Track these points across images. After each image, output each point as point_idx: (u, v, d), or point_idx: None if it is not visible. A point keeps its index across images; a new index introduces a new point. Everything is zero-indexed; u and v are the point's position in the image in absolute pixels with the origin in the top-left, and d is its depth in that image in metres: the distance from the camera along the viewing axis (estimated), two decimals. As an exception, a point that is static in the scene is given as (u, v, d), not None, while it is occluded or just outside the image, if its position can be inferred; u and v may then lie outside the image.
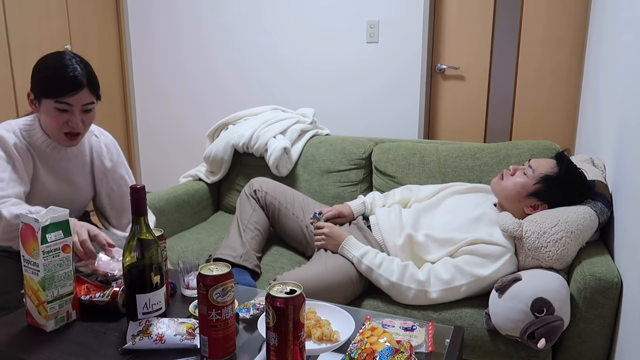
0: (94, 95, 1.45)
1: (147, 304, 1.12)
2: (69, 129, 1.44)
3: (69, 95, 1.39)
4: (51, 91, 1.39)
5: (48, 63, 1.42)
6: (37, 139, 1.49)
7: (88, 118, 1.47)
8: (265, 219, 1.92)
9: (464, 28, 2.99)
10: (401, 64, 3.05)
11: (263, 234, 1.88)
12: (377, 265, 1.58)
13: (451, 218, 1.69)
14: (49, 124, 1.44)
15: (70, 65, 1.39)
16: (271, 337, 0.92)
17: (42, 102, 1.41)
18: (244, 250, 1.77)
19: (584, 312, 1.41)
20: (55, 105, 1.40)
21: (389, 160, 2.16)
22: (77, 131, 1.46)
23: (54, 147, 1.52)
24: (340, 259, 1.66)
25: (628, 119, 1.51)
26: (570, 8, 2.79)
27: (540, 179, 1.60)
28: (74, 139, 1.49)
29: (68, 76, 1.38)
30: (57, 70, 1.38)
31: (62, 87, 1.38)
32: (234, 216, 1.94)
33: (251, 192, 1.95)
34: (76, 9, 3.46)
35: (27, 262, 1.11)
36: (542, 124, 2.97)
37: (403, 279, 1.55)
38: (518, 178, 1.64)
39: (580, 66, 2.82)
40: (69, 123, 1.43)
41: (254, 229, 1.85)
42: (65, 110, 1.41)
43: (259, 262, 1.82)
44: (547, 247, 1.48)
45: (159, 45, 3.70)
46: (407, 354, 0.96)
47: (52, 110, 1.40)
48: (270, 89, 3.41)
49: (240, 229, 1.85)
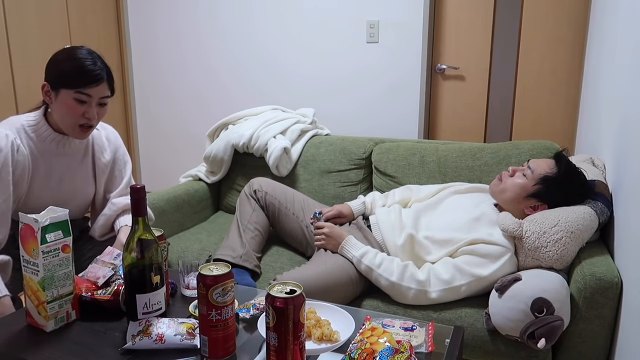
0: (110, 90, 1.50)
1: (147, 304, 1.12)
2: (84, 120, 1.47)
3: (90, 87, 1.43)
4: (74, 82, 1.42)
5: (70, 55, 1.45)
6: (43, 132, 1.51)
7: (102, 111, 1.50)
8: (265, 219, 1.92)
9: (464, 28, 2.99)
10: (401, 64, 3.04)
11: (263, 234, 1.88)
12: (377, 265, 1.58)
13: (451, 218, 1.69)
14: (65, 115, 1.46)
15: (91, 59, 1.45)
16: (271, 337, 0.92)
17: (60, 93, 1.43)
18: (244, 251, 1.77)
19: (584, 312, 1.41)
20: (75, 96, 1.43)
21: (389, 160, 2.16)
22: (92, 123, 1.49)
23: (58, 141, 1.53)
24: (340, 258, 1.66)
25: (628, 118, 1.51)
26: (570, 8, 2.79)
27: (539, 180, 1.60)
28: (87, 132, 1.51)
29: (90, 68, 1.43)
30: (81, 62, 1.43)
31: (85, 79, 1.42)
32: (234, 216, 1.94)
33: (251, 192, 1.94)
34: (76, 9, 3.46)
35: (26, 262, 1.11)
36: (542, 124, 2.97)
37: (403, 278, 1.55)
38: (517, 179, 1.64)
39: (580, 66, 2.82)
40: (85, 115, 1.46)
41: (254, 229, 1.85)
42: (83, 101, 1.44)
43: (259, 262, 1.82)
44: (547, 247, 1.48)
45: (159, 46, 3.70)
46: (407, 354, 0.96)
47: (71, 101, 1.43)
48: (269, 89, 3.41)
49: (240, 229, 1.85)
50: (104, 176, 1.69)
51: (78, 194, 1.63)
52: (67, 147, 1.56)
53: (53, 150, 1.53)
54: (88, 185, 1.66)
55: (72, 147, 1.57)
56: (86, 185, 1.65)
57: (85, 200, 1.68)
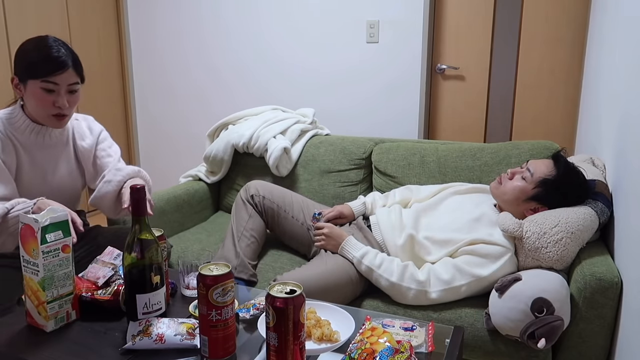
0: (79, 76, 1.49)
1: (147, 304, 1.12)
2: (56, 110, 1.47)
3: (55, 75, 1.42)
4: (38, 71, 1.42)
5: (33, 45, 1.45)
6: (20, 124, 1.51)
7: (73, 99, 1.50)
8: (262, 225, 1.89)
9: (464, 28, 2.99)
10: (401, 64, 3.04)
11: (259, 240, 1.87)
12: (377, 265, 1.58)
13: (451, 218, 1.69)
14: (36, 106, 1.46)
15: (55, 47, 1.44)
16: (271, 337, 0.92)
17: (27, 84, 1.43)
18: (238, 262, 1.75)
19: (584, 312, 1.41)
20: (42, 86, 1.42)
21: (389, 160, 2.16)
22: (64, 112, 1.48)
23: (37, 131, 1.53)
24: (340, 259, 1.66)
25: (628, 118, 1.51)
26: (570, 8, 2.79)
27: (538, 183, 1.60)
28: (62, 120, 1.51)
29: (55, 56, 1.42)
30: (43, 51, 1.42)
31: (49, 67, 1.42)
32: (229, 223, 1.91)
33: (248, 197, 1.91)
34: (76, 9, 3.46)
35: (26, 262, 1.11)
36: (542, 124, 2.97)
37: (403, 279, 1.55)
38: (517, 182, 1.63)
39: (580, 66, 2.82)
40: (55, 104, 1.45)
41: (250, 237, 1.83)
42: (51, 90, 1.44)
43: (255, 271, 1.81)
44: (548, 248, 1.48)
45: (159, 46, 3.70)
46: (407, 354, 0.96)
47: (39, 91, 1.43)
48: (269, 89, 3.41)
49: (234, 238, 1.83)
50: (89, 161, 1.67)
51: (66, 187, 1.62)
52: (47, 138, 1.55)
53: (34, 142, 1.53)
54: (74, 176, 1.65)
55: (52, 138, 1.57)
56: (72, 176, 1.64)
57: (74, 193, 1.67)
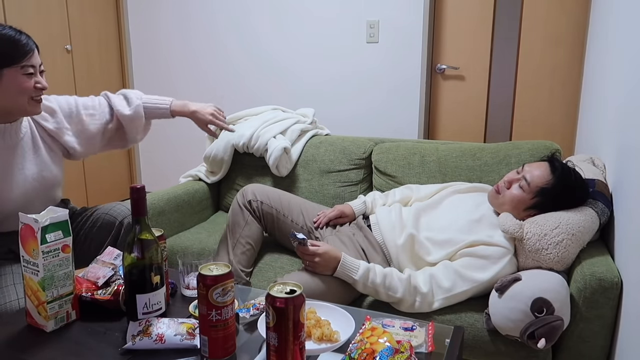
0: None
1: (147, 304, 1.12)
2: (38, 92, 1.49)
3: (30, 58, 1.46)
4: (15, 58, 1.43)
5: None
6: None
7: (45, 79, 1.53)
8: (259, 231, 1.87)
9: (464, 28, 2.99)
10: (401, 64, 3.05)
11: (255, 247, 1.85)
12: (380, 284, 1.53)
13: (452, 218, 1.69)
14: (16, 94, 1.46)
15: (18, 32, 1.47)
16: (271, 337, 0.92)
17: (4, 74, 1.43)
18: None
19: (584, 312, 1.41)
20: (23, 71, 1.45)
21: (389, 160, 2.16)
22: (46, 87, 1.50)
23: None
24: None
25: (628, 118, 1.51)
26: (570, 8, 2.79)
27: (536, 193, 1.60)
28: (40, 102, 1.52)
29: (25, 42, 1.45)
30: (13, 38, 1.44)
31: (22, 51, 1.44)
32: (225, 228, 1.88)
33: (245, 202, 1.87)
34: (76, 9, 3.46)
35: (26, 262, 1.11)
36: (542, 124, 2.97)
37: (407, 293, 1.53)
38: (515, 191, 1.63)
39: (580, 66, 2.82)
40: (37, 84, 1.48)
41: (245, 244, 1.81)
42: (31, 73, 1.46)
43: (248, 278, 1.80)
44: (548, 250, 1.48)
45: (160, 45, 3.70)
46: (407, 354, 0.96)
47: (20, 77, 1.45)
48: (269, 89, 3.41)
49: (228, 246, 1.81)
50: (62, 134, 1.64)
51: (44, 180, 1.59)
52: (7, 137, 1.52)
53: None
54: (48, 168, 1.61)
55: (12, 136, 1.53)
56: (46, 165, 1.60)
57: (52, 184, 1.63)
